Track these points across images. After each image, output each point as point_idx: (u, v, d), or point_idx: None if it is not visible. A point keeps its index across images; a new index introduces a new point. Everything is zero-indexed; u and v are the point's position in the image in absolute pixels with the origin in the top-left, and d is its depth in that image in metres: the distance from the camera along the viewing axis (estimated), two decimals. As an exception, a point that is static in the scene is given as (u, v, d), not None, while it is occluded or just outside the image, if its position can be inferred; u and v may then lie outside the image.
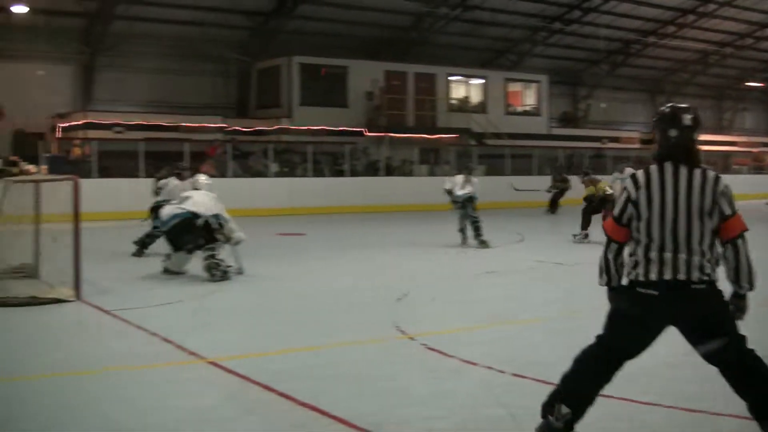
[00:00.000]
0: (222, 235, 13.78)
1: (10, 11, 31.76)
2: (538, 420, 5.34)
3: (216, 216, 13.71)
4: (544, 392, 5.38)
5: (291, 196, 30.90)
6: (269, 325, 10.19)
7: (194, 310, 11.19)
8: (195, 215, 13.60)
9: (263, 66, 38.75)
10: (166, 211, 13.95)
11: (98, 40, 35.58)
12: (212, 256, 13.41)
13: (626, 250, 5.27)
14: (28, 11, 31.29)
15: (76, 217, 11.61)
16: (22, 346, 8.85)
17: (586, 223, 19.67)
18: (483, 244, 18.41)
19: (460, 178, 18.75)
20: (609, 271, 5.29)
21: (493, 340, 9.22)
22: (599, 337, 5.32)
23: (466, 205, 18.47)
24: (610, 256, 5.28)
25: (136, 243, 17.10)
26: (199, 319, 10.64)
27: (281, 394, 6.84)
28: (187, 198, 13.98)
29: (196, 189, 14.54)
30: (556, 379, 5.28)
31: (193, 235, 13.55)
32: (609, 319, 5.33)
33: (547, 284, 13.69)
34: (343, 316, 10.72)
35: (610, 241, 5.31)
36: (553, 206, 30.01)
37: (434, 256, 17.35)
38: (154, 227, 16.77)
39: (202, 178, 15.18)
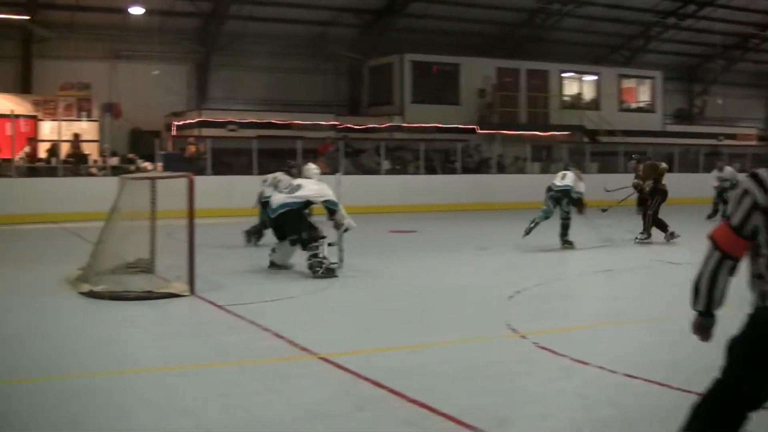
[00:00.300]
0: (332, 220, 13.86)
1: (128, 13, 32.48)
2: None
3: (327, 201, 13.75)
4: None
5: (403, 193, 30.89)
6: (380, 322, 10.19)
7: (306, 306, 11.25)
8: (306, 203, 13.75)
9: (375, 64, 38.92)
10: (277, 199, 14.00)
11: (212, 40, 36.19)
12: (315, 255, 13.44)
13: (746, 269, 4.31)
14: (144, 12, 31.91)
15: (191, 213, 11.77)
16: (137, 339, 9.01)
17: (655, 223, 18.94)
18: (567, 245, 17.69)
19: (562, 174, 18.30)
20: (713, 293, 4.28)
21: (605, 339, 9.14)
22: (718, 382, 4.34)
23: (560, 199, 17.68)
24: (721, 276, 4.24)
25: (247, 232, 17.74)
26: (311, 315, 10.71)
27: (392, 391, 6.82)
28: (298, 186, 13.99)
29: (307, 178, 14.54)
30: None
31: (300, 226, 13.60)
32: (733, 358, 4.29)
33: (663, 284, 13.42)
34: (454, 314, 10.67)
35: (723, 256, 4.24)
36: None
37: (547, 254, 17.13)
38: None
39: (311, 166, 15.23)
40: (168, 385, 7.13)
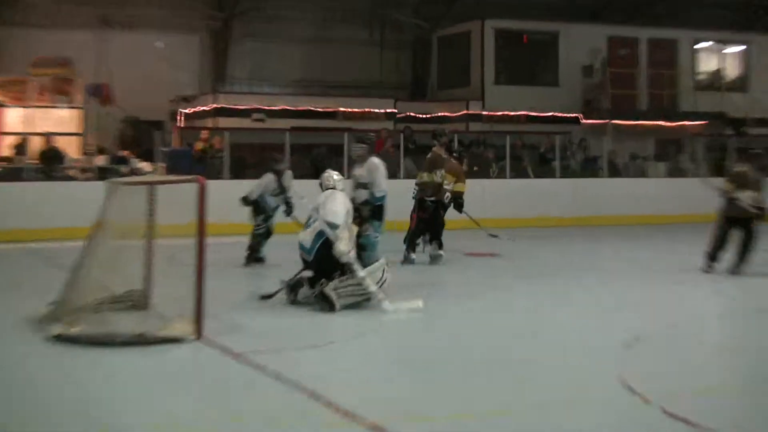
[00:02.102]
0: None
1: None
2: None
3: (330, 224, 13.88)
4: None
5: (483, 203, 30.51)
6: (451, 375, 10.03)
7: (350, 354, 11.21)
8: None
9: (446, 33, 39.10)
10: (305, 237, 14.18)
11: (233, 3, 36.38)
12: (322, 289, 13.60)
13: None
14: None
15: (201, 228, 11.66)
16: (124, 400, 8.93)
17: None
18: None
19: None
20: None
21: (750, 404, 8.93)
22: None
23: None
24: None
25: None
26: (357, 365, 10.62)
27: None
28: (319, 207, 14.31)
29: (330, 188, 14.55)
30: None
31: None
32: None
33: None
34: (552, 366, 10.46)
35: None
36: None
37: (676, 285, 16.90)
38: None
39: (332, 174, 15.20)
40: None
